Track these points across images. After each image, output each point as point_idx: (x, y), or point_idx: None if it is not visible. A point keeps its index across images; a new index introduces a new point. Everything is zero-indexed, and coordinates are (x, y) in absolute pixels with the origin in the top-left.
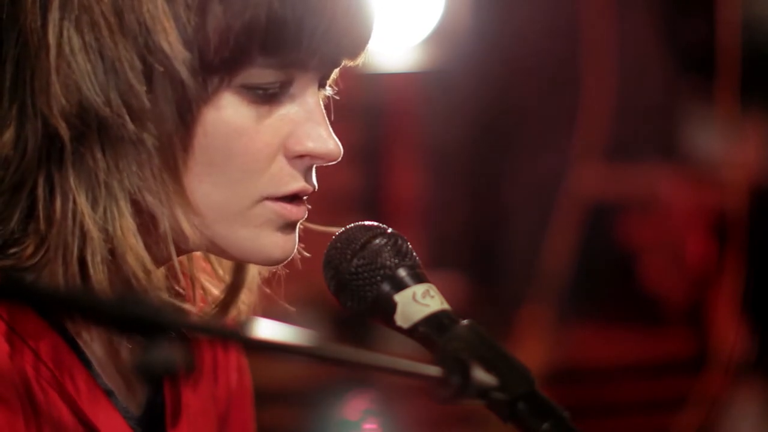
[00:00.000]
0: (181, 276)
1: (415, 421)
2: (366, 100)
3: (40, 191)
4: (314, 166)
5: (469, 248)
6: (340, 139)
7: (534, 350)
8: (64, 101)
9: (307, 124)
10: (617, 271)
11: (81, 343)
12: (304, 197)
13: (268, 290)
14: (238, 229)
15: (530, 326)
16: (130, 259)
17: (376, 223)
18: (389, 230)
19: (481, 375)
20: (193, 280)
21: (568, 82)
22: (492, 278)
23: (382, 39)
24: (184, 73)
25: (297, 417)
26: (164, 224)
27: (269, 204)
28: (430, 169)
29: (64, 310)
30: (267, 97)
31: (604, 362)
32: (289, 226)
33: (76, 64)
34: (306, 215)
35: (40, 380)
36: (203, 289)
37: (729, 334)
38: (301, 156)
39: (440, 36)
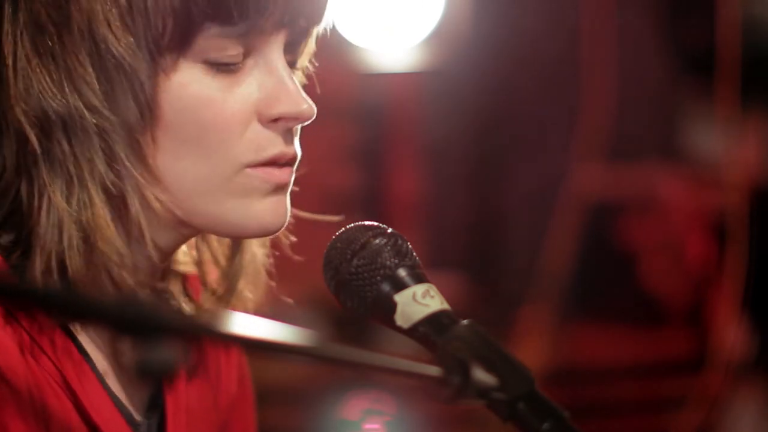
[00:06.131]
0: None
1: (415, 421)
2: (366, 100)
3: (23, 193)
4: (293, 130)
5: (469, 248)
6: (340, 140)
7: (534, 350)
8: (25, 106)
9: (276, 87)
10: (617, 271)
11: (85, 345)
12: (293, 164)
13: (272, 285)
14: (225, 200)
15: (530, 326)
16: (103, 246)
17: (376, 223)
18: (389, 230)
19: (481, 375)
20: (201, 270)
21: (568, 83)
22: (492, 278)
23: (382, 39)
24: (131, 58)
25: (297, 417)
26: (135, 208)
27: (251, 171)
28: (430, 169)
29: (61, 311)
30: (232, 67)
31: (604, 362)
32: (277, 190)
33: (31, 70)
34: (292, 179)
35: (51, 383)
36: (205, 282)
37: (729, 334)
38: (275, 120)
39: (440, 36)
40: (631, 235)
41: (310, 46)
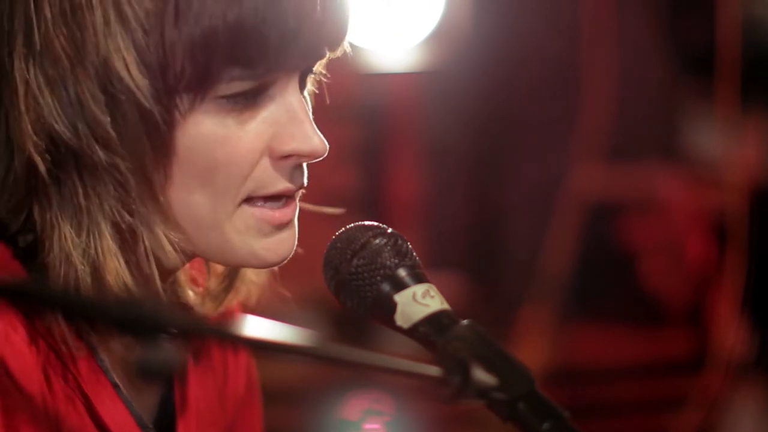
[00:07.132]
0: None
1: (415, 421)
2: (366, 100)
3: (36, 217)
4: (303, 164)
5: (469, 248)
6: (340, 140)
7: (534, 350)
8: (34, 136)
9: (290, 123)
10: (617, 271)
11: (96, 345)
12: (296, 197)
13: (270, 288)
14: (229, 234)
15: (530, 326)
16: (111, 280)
17: (376, 223)
18: (389, 230)
19: (481, 375)
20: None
21: (568, 83)
22: (492, 278)
23: (382, 39)
24: (146, 99)
25: (297, 417)
26: (144, 243)
27: (247, 208)
28: (430, 169)
29: (67, 311)
30: (246, 103)
31: (604, 362)
32: (278, 229)
33: (43, 99)
34: (296, 212)
35: (65, 388)
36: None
37: (729, 334)
38: (287, 156)
39: (440, 36)
40: (631, 235)
41: (321, 63)
